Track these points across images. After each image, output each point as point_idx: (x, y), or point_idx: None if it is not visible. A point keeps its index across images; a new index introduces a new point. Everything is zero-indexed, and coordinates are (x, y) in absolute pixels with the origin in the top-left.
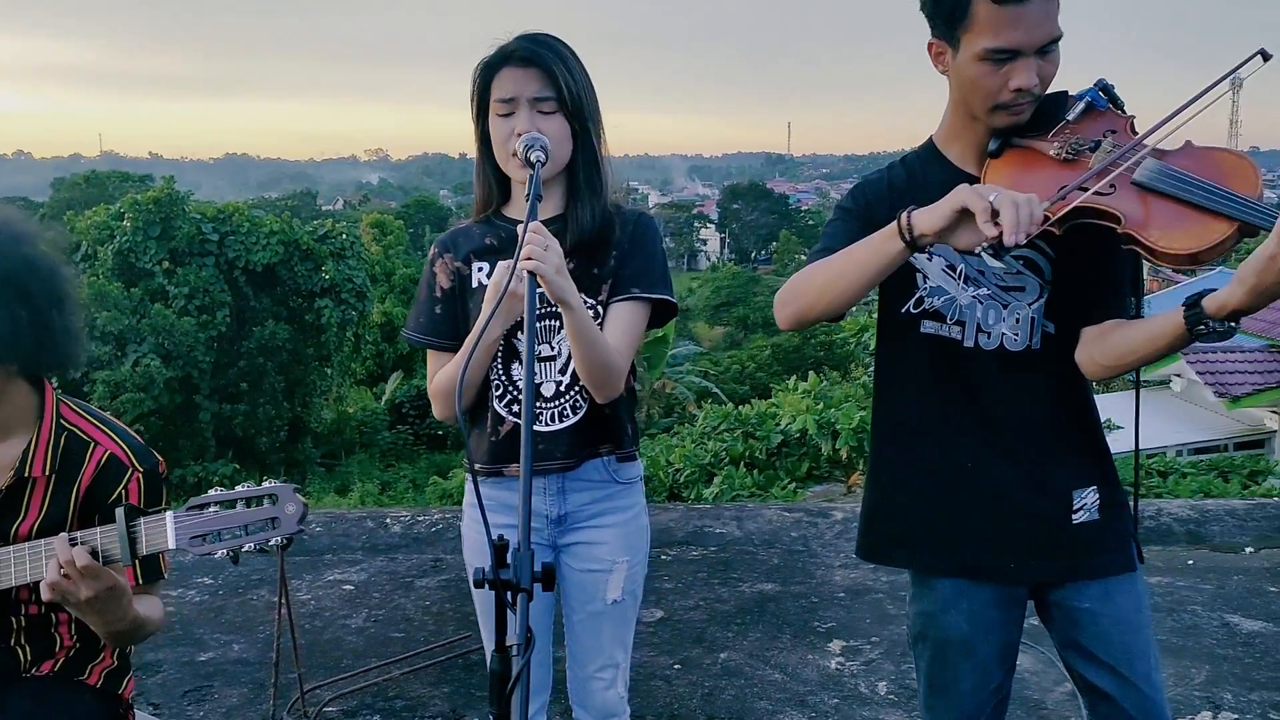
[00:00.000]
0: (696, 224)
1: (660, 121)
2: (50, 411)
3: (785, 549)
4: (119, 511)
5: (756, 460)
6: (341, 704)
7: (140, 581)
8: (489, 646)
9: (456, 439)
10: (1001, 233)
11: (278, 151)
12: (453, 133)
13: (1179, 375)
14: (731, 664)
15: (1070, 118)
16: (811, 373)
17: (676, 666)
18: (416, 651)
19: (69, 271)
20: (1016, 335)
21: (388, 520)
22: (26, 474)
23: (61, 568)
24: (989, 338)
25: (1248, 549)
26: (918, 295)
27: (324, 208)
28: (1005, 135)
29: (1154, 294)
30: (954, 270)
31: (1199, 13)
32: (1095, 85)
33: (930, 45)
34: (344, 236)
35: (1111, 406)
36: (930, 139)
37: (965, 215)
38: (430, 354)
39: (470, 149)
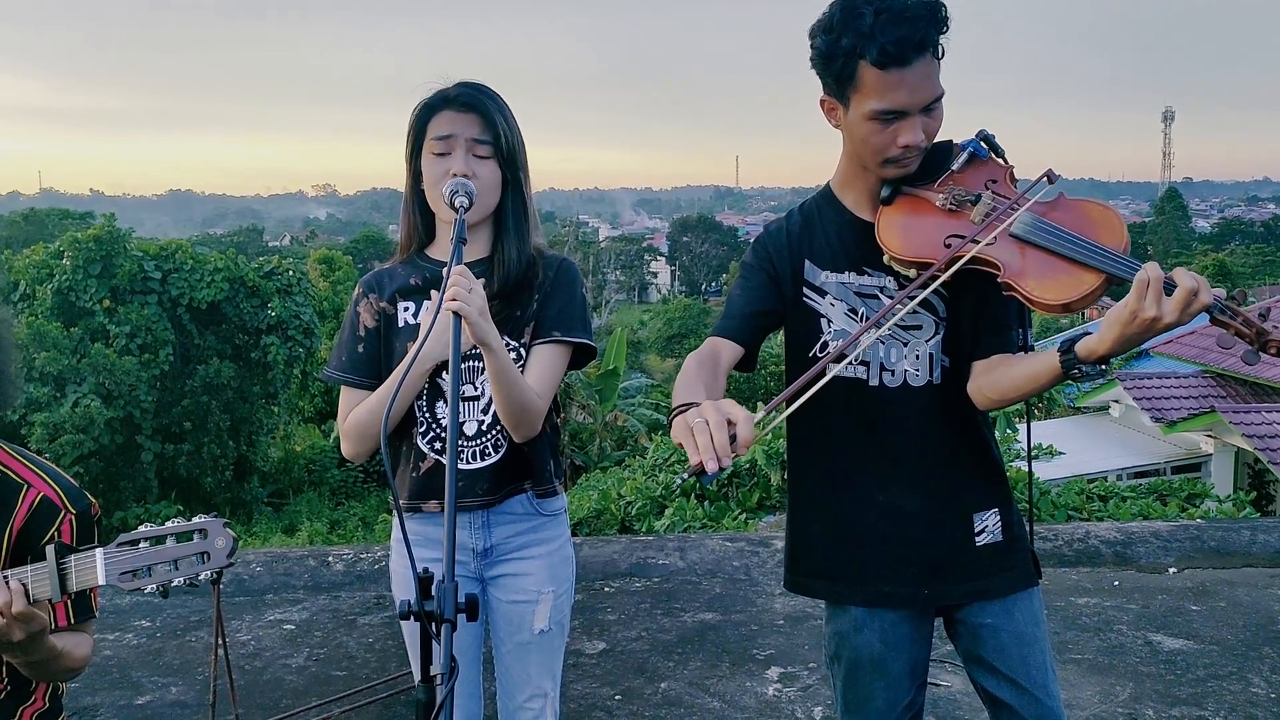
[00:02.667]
0: (647, 256)
1: (609, 155)
2: None
3: (728, 578)
4: (49, 549)
5: (707, 492)
6: None
7: (72, 620)
8: (417, 678)
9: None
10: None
11: (223, 188)
12: (401, 168)
13: (1117, 401)
14: (672, 693)
15: (955, 167)
16: (759, 404)
17: (618, 698)
18: (358, 689)
19: (0, 313)
20: (918, 371)
21: (330, 558)
22: None
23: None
24: (893, 375)
25: (1171, 569)
26: (823, 339)
27: (271, 244)
28: (896, 183)
29: (1094, 321)
30: (856, 314)
31: (1107, 51)
32: (977, 135)
33: (823, 102)
34: (290, 273)
35: (1051, 433)
36: (828, 184)
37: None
38: (345, 392)
39: None
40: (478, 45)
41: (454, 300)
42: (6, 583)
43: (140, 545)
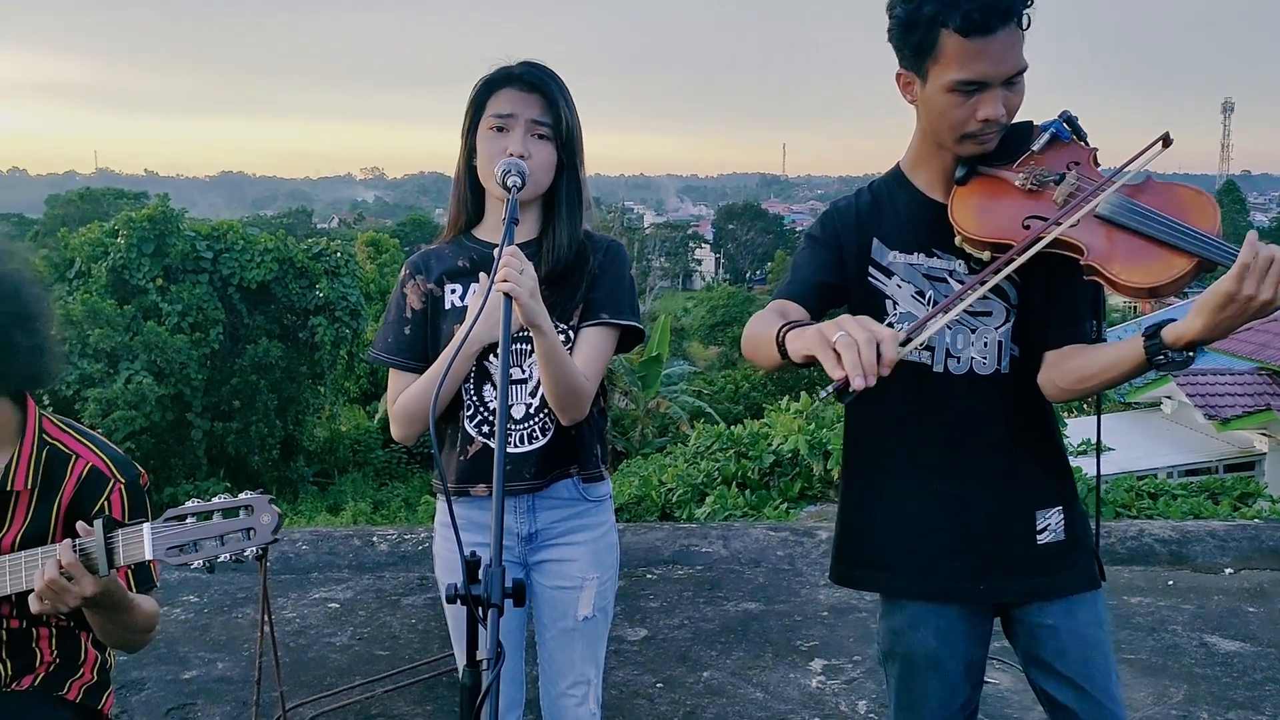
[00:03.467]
0: (691, 244)
1: (656, 142)
2: (32, 427)
3: (771, 568)
4: (97, 523)
5: (749, 480)
6: None
7: (133, 588)
8: (461, 662)
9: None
10: (846, 376)
11: (274, 169)
12: (448, 152)
13: (1169, 397)
14: (714, 683)
15: (1035, 148)
16: (804, 393)
17: (659, 685)
18: (401, 669)
19: (36, 289)
20: (985, 359)
21: (375, 538)
22: (9, 488)
23: (62, 568)
24: (959, 362)
25: (1227, 570)
26: (887, 321)
27: (319, 226)
28: (972, 163)
29: (1146, 316)
30: (923, 296)
31: (1157, 45)
32: (1060, 117)
33: (899, 76)
34: (339, 254)
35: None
36: (897, 165)
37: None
38: (394, 374)
39: None
40: (526, 29)
41: (505, 281)
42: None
43: (187, 520)
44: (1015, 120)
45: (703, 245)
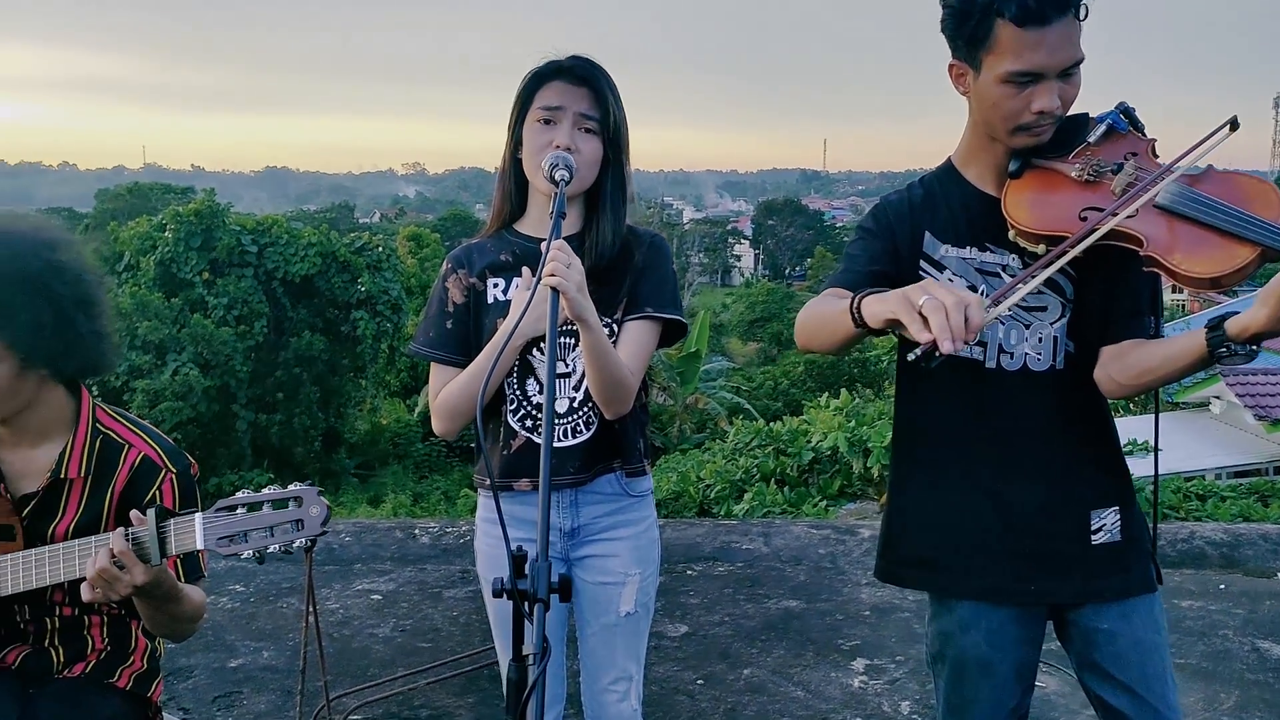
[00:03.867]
0: (730, 240)
1: (695, 137)
2: (86, 416)
3: (813, 566)
4: (150, 513)
5: (788, 477)
6: (367, 711)
7: (182, 579)
8: (504, 657)
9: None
10: (935, 340)
11: (317, 165)
12: (489, 147)
13: (1218, 397)
14: (755, 680)
15: (1091, 140)
16: (844, 390)
17: (700, 682)
18: (443, 661)
19: (97, 277)
20: (1039, 355)
21: (417, 531)
22: (63, 476)
23: (115, 557)
24: (1011, 358)
25: None
26: None
27: (361, 220)
28: (1025, 156)
29: (1195, 315)
30: (975, 291)
31: (1216, 36)
32: (1116, 108)
33: (951, 67)
34: (380, 249)
35: (1148, 428)
36: (949, 159)
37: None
38: (435, 369)
39: None
40: (566, 24)
41: (553, 275)
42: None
43: (238, 511)
44: (1071, 112)
45: (742, 241)
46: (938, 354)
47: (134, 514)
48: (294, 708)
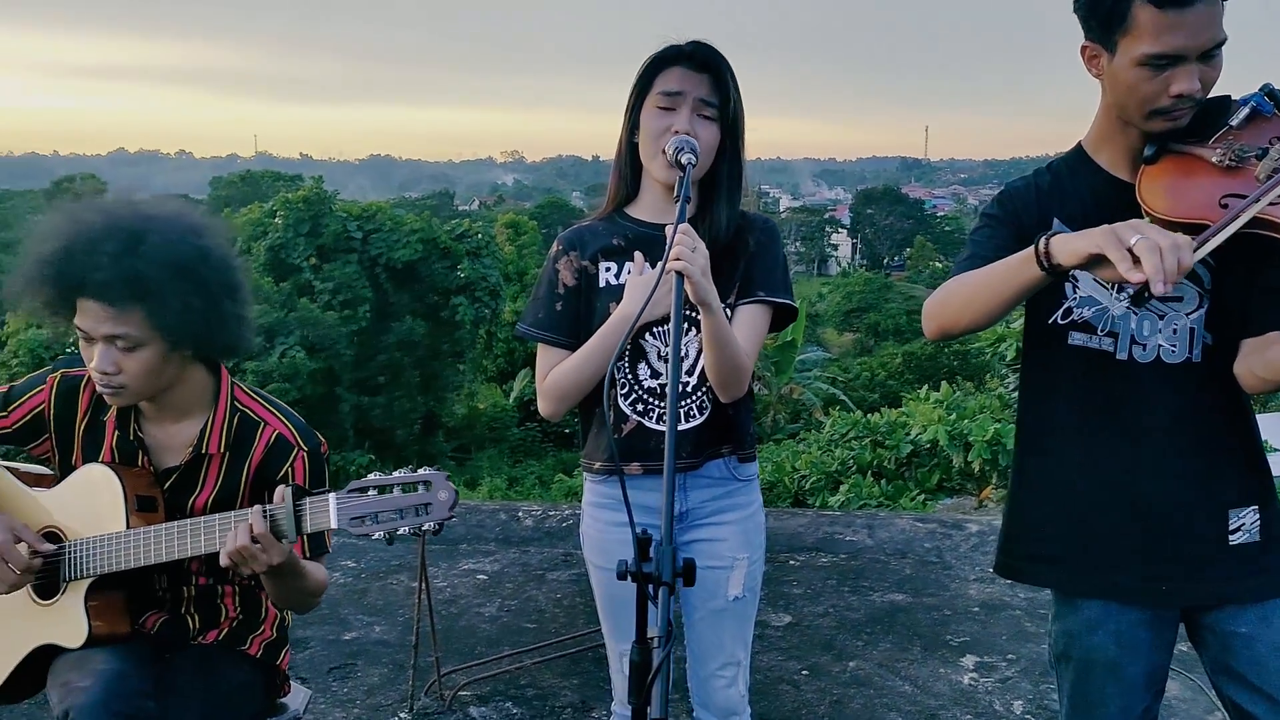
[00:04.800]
0: (828, 229)
1: (792, 125)
2: (225, 394)
3: (918, 560)
4: (286, 491)
5: (885, 470)
6: (475, 689)
7: (307, 554)
8: (612, 640)
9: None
10: (1146, 280)
11: (418, 153)
12: (586, 136)
13: None
14: (860, 673)
15: (1234, 123)
16: (945, 382)
17: (804, 672)
18: (548, 642)
19: (240, 261)
20: (1174, 347)
21: (520, 513)
22: (204, 451)
23: (255, 537)
24: (1144, 350)
25: None
26: (1066, 305)
27: (461, 208)
28: (1162, 140)
29: None
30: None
31: None
32: (1261, 90)
33: (1084, 49)
34: (480, 236)
35: (1275, 426)
36: (1079, 144)
37: (1104, 258)
38: (543, 350)
39: (603, 151)
40: (664, 11)
41: (678, 259)
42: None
43: (369, 493)
44: (1211, 95)
45: (839, 230)
46: (1148, 295)
47: (280, 490)
48: (405, 681)
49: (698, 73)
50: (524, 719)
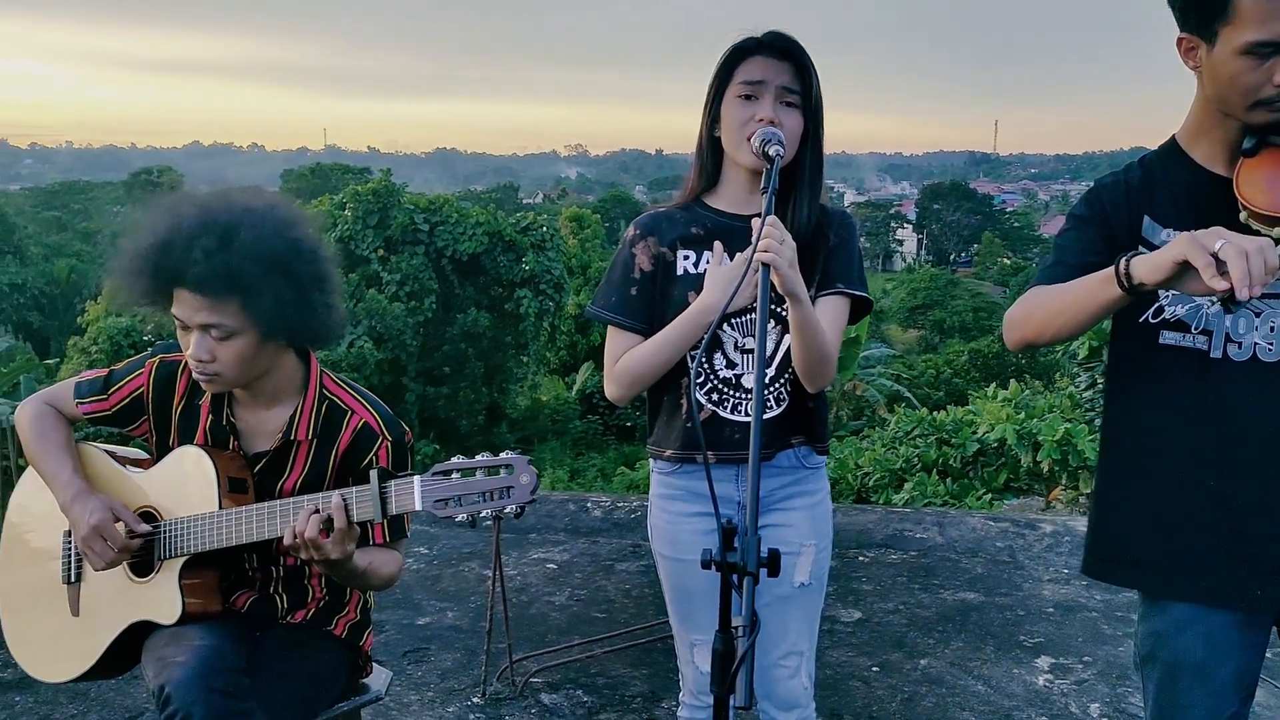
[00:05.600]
0: (893, 224)
1: (858, 120)
2: (315, 382)
3: (990, 559)
4: (373, 474)
5: (950, 468)
6: (546, 676)
7: (387, 538)
8: (681, 630)
9: (645, 431)
10: (1232, 287)
11: (483, 146)
12: (649, 129)
13: None
14: (932, 672)
15: None
16: (1013, 381)
17: (875, 669)
18: (617, 632)
19: (329, 253)
20: (1271, 345)
21: (589, 504)
22: (293, 437)
23: (333, 529)
24: (1239, 348)
25: None
26: (1157, 304)
27: (524, 201)
28: (1263, 132)
29: None
30: None
31: None
32: None
33: (1180, 41)
34: (544, 229)
35: None
36: (1173, 137)
37: (1189, 267)
38: (614, 333)
39: (666, 145)
40: (725, 7)
41: (766, 251)
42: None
43: (453, 476)
44: None
45: (905, 225)
46: (1237, 301)
47: (373, 473)
48: (478, 666)
49: (779, 61)
50: (595, 707)
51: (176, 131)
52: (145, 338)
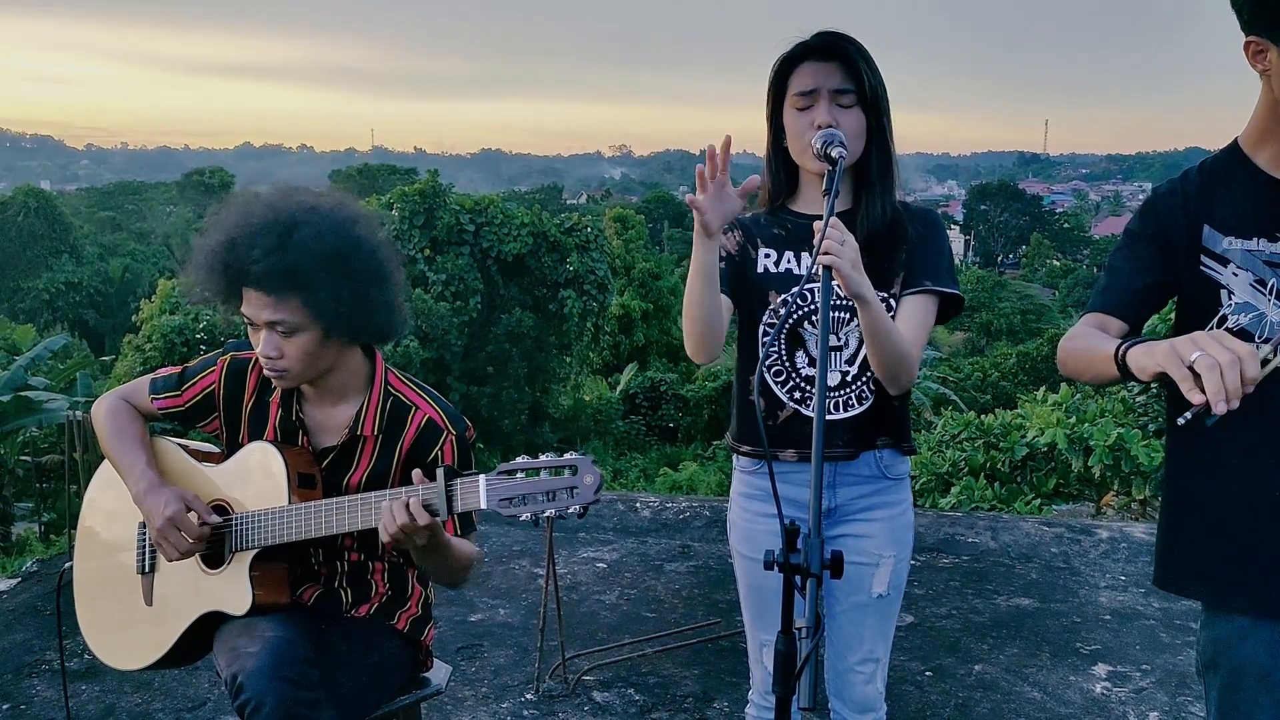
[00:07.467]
0: None
1: (904, 119)
2: (380, 378)
3: (1044, 564)
4: (439, 472)
5: (998, 473)
6: (598, 674)
7: (458, 532)
8: (754, 630)
9: (688, 432)
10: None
11: (527, 147)
12: (693, 130)
13: None
14: (987, 677)
15: None
16: (1064, 384)
17: (928, 674)
18: (668, 632)
19: (390, 250)
20: None
21: (638, 504)
22: (359, 433)
23: (411, 519)
24: None
25: None
26: (1221, 313)
27: (569, 201)
28: None
29: None
30: (1264, 285)
31: None
32: None
33: (1247, 45)
34: (589, 229)
35: None
36: (1235, 141)
37: None
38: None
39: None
40: (769, 7)
41: (827, 254)
42: (408, 504)
43: (517, 476)
44: None
45: (952, 226)
46: (1212, 415)
47: (415, 473)
48: (530, 663)
49: (827, 63)
50: (647, 706)
51: (228, 133)
52: (198, 335)
